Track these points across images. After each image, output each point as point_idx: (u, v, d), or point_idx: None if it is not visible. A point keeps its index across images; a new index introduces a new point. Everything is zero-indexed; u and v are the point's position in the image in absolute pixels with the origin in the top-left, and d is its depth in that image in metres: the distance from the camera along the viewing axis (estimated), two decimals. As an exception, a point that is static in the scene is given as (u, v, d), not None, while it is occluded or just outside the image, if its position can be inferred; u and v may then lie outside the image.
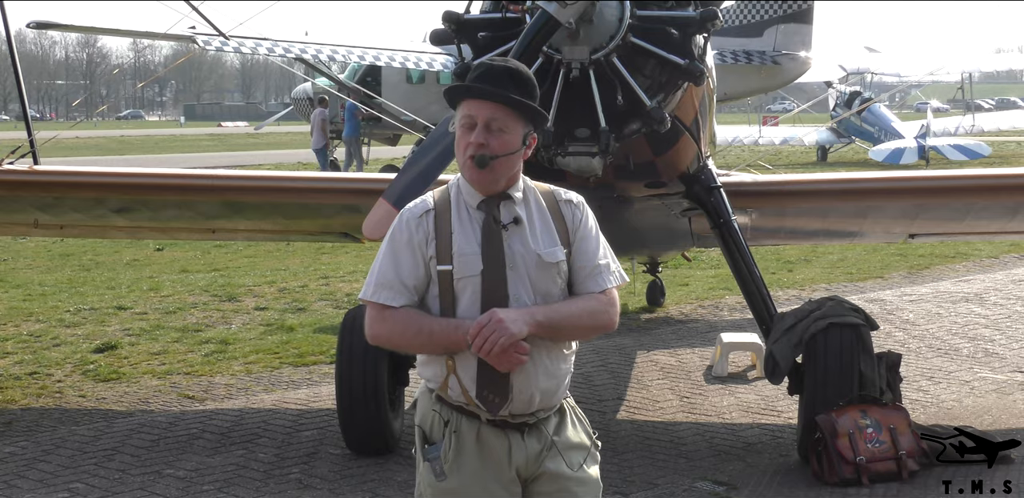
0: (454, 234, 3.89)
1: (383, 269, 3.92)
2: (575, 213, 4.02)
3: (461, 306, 3.87)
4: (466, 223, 3.92)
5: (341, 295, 14.09)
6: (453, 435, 3.91)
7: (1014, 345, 11.13)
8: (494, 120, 3.86)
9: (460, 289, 3.87)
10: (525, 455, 3.94)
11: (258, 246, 18.52)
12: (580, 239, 3.99)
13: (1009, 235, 13.10)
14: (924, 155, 36.83)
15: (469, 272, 3.85)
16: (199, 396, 9.42)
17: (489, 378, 3.83)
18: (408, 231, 3.93)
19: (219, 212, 9.84)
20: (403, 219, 3.96)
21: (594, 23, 6.13)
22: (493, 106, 3.86)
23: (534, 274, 3.89)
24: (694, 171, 7.60)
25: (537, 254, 3.90)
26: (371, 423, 7.53)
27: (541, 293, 3.90)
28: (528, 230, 3.93)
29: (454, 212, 3.93)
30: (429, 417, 3.97)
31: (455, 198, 3.97)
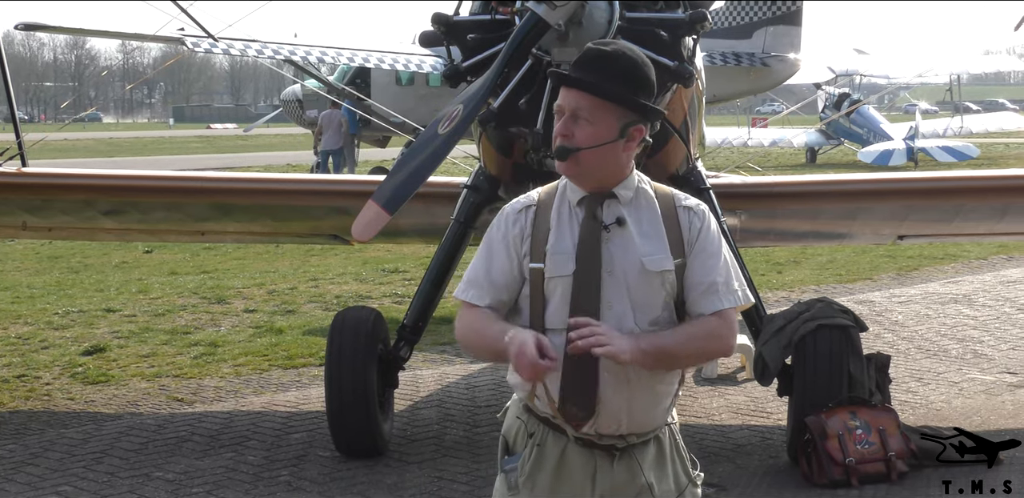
0: (551, 231, 3.62)
1: (476, 265, 3.69)
2: (694, 221, 3.67)
3: (550, 309, 3.59)
4: (565, 220, 3.64)
5: (331, 297, 14.08)
6: (536, 448, 3.65)
7: (1002, 346, 11.15)
8: (580, 110, 3.56)
9: (551, 290, 3.59)
10: (611, 483, 3.64)
11: (247, 248, 18.49)
12: (698, 251, 3.64)
13: (997, 236, 13.12)
14: (913, 157, 36.90)
15: (561, 272, 3.57)
16: (188, 398, 9.40)
17: (574, 388, 3.54)
18: (505, 226, 3.68)
19: (208, 214, 9.82)
20: (503, 214, 3.72)
21: (583, 25, 6.12)
22: (579, 94, 3.57)
23: (634, 282, 3.57)
24: (683, 173, 7.60)
25: (640, 260, 3.57)
26: (360, 426, 7.53)
27: (640, 304, 3.58)
28: (634, 233, 3.61)
29: (555, 208, 3.66)
30: (515, 427, 3.72)
31: (560, 194, 3.69)
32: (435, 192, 8.25)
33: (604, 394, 3.55)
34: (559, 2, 5.84)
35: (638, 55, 3.63)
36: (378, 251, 17.89)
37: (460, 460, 7.67)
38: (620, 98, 3.56)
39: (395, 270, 16.23)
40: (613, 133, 3.59)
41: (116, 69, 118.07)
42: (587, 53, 3.62)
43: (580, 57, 3.62)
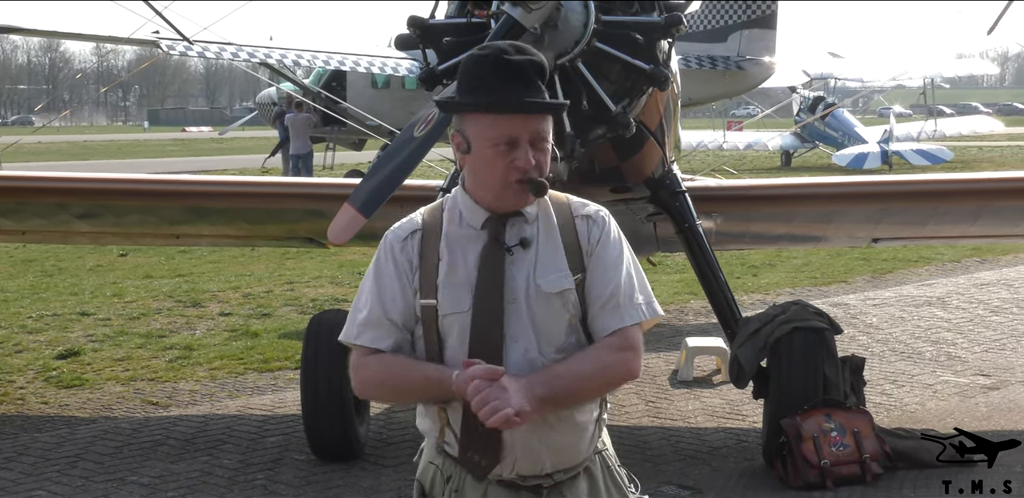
0: (441, 261, 3.24)
1: (368, 304, 3.27)
2: (592, 231, 3.31)
3: (449, 349, 3.23)
4: (459, 247, 3.25)
5: (306, 300, 14.05)
6: (453, 494, 3.32)
7: (976, 348, 11.21)
8: (540, 133, 3.22)
9: (446, 328, 3.23)
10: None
11: (223, 251, 18.44)
12: (596, 262, 3.28)
13: (971, 239, 13.18)
14: (887, 160, 37.07)
15: (457, 308, 3.20)
16: (163, 402, 9.37)
17: (475, 435, 3.19)
18: (392, 257, 3.28)
19: (183, 217, 9.79)
20: (387, 242, 3.31)
21: (559, 28, 6.13)
22: (538, 118, 3.22)
23: (536, 309, 3.21)
24: (659, 176, 7.62)
25: (538, 284, 3.22)
26: (336, 429, 7.51)
27: (544, 332, 3.22)
28: (536, 253, 3.25)
29: (445, 234, 3.27)
30: (429, 471, 3.40)
31: (449, 216, 3.30)
32: (411, 195, 8.23)
33: (515, 436, 3.20)
34: (535, 5, 5.85)
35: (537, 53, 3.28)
36: (354, 254, 17.86)
37: (436, 463, 7.65)
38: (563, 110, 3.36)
39: (371, 273, 16.19)
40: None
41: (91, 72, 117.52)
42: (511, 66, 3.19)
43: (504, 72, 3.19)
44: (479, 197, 3.28)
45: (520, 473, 3.27)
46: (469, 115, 3.24)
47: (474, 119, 3.23)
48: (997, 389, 9.61)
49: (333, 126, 30.96)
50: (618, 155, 7.12)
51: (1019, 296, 14.31)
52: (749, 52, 29.52)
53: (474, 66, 3.25)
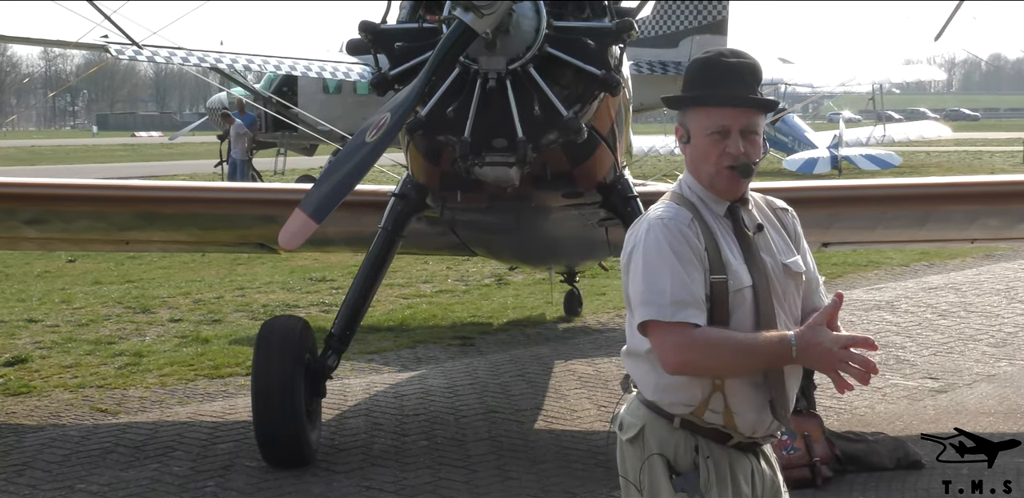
0: (719, 242, 3.63)
1: (677, 284, 3.52)
2: (794, 223, 3.87)
3: (733, 321, 3.57)
4: (721, 232, 3.66)
5: (257, 306, 13.98)
6: (707, 461, 3.63)
7: (924, 352, 11.31)
8: (750, 126, 3.66)
9: (735, 303, 3.58)
10: (762, 481, 3.76)
11: (173, 257, 18.32)
12: (802, 249, 3.82)
13: (919, 243, 13.31)
14: (837, 165, 37.37)
15: (742, 283, 3.59)
16: (112, 409, 9.29)
17: (779, 395, 3.65)
18: (682, 238, 3.58)
19: (133, 223, 9.72)
20: (671, 228, 3.60)
21: (511, 33, 6.15)
22: (749, 112, 3.65)
23: (784, 286, 3.68)
24: (611, 181, 7.64)
25: (784, 264, 3.70)
26: (288, 435, 7.47)
27: (790, 306, 3.70)
28: (769, 238, 3.74)
29: (709, 220, 3.67)
30: (672, 442, 3.65)
31: (699, 205, 3.70)
32: (363, 200, 8.23)
33: (789, 393, 3.71)
34: (486, 10, 5.86)
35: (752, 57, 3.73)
36: (305, 260, 17.80)
37: (388, 469, 7.64)
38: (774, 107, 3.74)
39: (322, 279, 16.16)
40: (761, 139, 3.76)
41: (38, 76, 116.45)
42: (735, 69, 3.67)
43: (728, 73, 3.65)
44: (706, 184, 3.71)
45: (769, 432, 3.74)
46: (690, 109, 3.71)
47: (693, 112, 3.69)
48: (945, 392, 9.69)
49: (284, 131, 30.82)
50: (570, 160, 7.13)
51: (966, 300, 14.46)
52: (700, 57, 29.58)
53: (696, 67, 3.73)
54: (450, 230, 8.68)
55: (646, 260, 3.59)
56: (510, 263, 13.10)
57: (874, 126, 45.43)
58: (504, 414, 9.06)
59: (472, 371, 10.61)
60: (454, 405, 9.34)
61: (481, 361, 11.08)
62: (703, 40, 29.73)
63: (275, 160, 34.64)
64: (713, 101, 3.64)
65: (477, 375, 10.44)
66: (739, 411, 3.63)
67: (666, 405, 3.66)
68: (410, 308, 13.89)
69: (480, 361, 11.08)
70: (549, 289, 13.94)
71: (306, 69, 28.07)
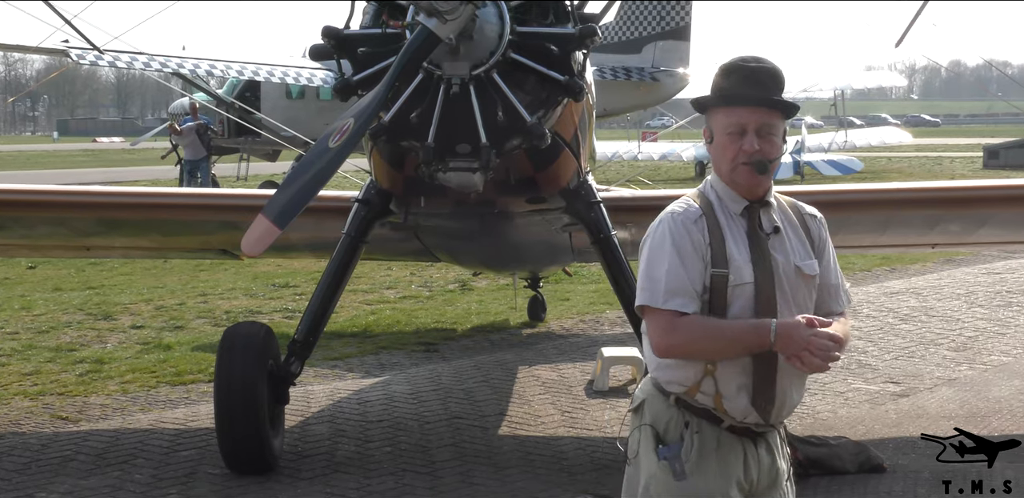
0: (726, 239, 3.84)
1: (672, 274, 3.80)
2: (820, 228, 4.03)
3: (731, 314, 3.81)
4: (731, 229, 3.87)
5: (220, 313, 13.91)
6: (696, 436, 3.87)
7: (886, 356, 11.37)
8: (766, 125, 3.85)
9: (733, 296, 3.81)
10: (759, 466, 3.93)
11: (134, 263, 18.21)
12: (826, 255, 4.00)
13: (881, 248, 13.38)
14: (799, 170, 37.61)
15: (744, 279, 3.81)
16: (73, 417, 9.21)
17: (762, 385, 3.81)
18: (688, 234, 3.83)
19: (94, 229, 9.66)
20: (677, 222, 3.86)
21: (474, 39, 6.15)
22: (765, 111, 3.86)
23: (793, 286, 3.87)
24: (574, 186, 7.65)
25: (796, 266, 3.89)
26: (250, 442, 7.43)
27: (799, 305, 3.87)
28: (787, 240, 3.92)
29: (722, 218, 3.88)
30: (665, 417, 3.91)
31: (717, 204, 3.91)
32: (326, 206, 8.21)
33: (778, 390, 3.86)
34: (450, 16, 5.86)
35: (773, 63, 3.94)
36: (268, 266, 17.73)
37: (352, 476, 7.62)
38: (793, 110, 3.92)
39: (286, 285, 16.11)
40: (782, 142, 3.94)
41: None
42: (756, 72, 3.89)
43: (748, 76, 3.87)
44: (727, 182, 3.92)
45: (759, 421, 3.88)
46: (712, 110, 3.93)
47: (714, 112, 3.92)
48: (906, 396, 9.75)
49: (247, 137, 30.72)
50: (533, 166, 7.14)
51: (927, 304, 14.57)
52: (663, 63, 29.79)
53: (719, 72, 3.95)
54: (414, 236, 8.67)
55: (651, 250, 3.87)
56: (474, 269, 13.09)
57: (836, 132, 45.74)
58: (468, 420, 9.05)
59: (436, 377, 10.59)
60: (418, 411, 9.33)
61: (445, 367, 11.07)
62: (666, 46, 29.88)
63: (238, 166, 34.48)
64: (730, 102, 3.88)
65: (441, 381, 10.43)
66: (728, 396, 3.84)
67: (664, 383, 3.92)
68: (374, 314, 13.87)
69: (444, 367, 11.07)
70: (513, 295, 13.95)
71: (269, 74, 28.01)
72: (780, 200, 4.01)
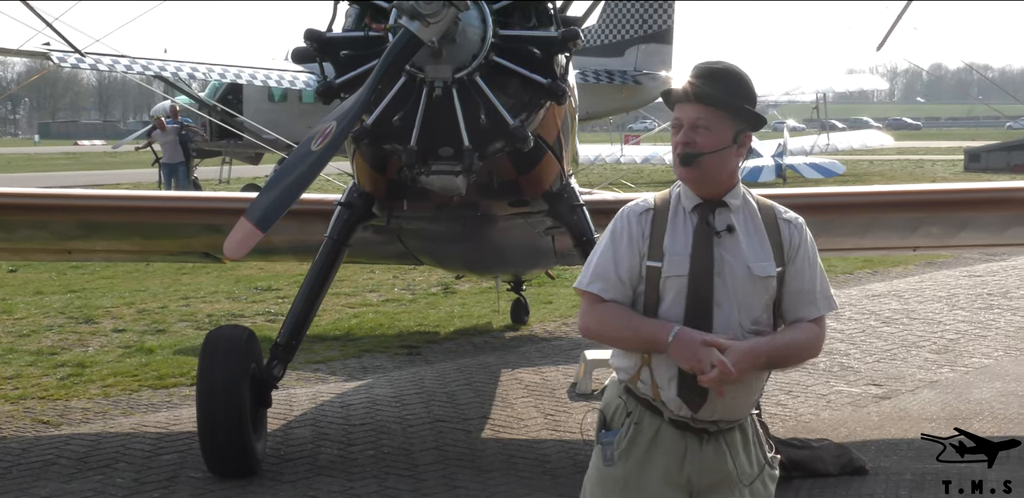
0: (666, 233, 3.95)
1: (601, 261, 3.99)
2: (794, 233, 4.04)
3: (664, 305, 3.91)
4: (679, 225, 3.97)
5: (202, 316, 13.88)
6: (633, 426, 3.97)
7: (868, 359, 11.40)
8: (699, 119, 3.94)
9: (665, 288, 3.91)
10: (700, 464, 3.95)
11: (116, 267, 18.15)
12: (798, 260, 4.01)
13: (862, 251, 13.43)
14: (781, 173, 37.69)
15: (676, 272, 3.90)
16: (54, 421, 9.18)
17: (692, 379, 3.84)
18: (628, 226, 3.99)
19: (75, 232, 9.63)
20: (624, 215, 4.03)
21: (457, 42, 6.16)
22: (698, 107, 3.95)
23: (740, 285, 3.91)
24: (557, 189, 7.65)
25: (747, 265, 3.93)
26: (233, 446, 7.41)
27: (745, 304, 3.92)
28: (741, 240, 3.96)
29: (671, 213, 3.99)
30: (613, 404, 4.04)
31: (674, 201, 4.02)
32: (308, 209, 8.20)
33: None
34: (432, 19, 5.86)
35: (742, 71, 4.05)
36: (251, 269, 17.69)
37: (335, 479, 7.61)
38: (734, 108, 3.96)
39: (268, 288, 16.07)
40: (727, 139, 3.97)
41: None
42: (700, 70, 4.01)
43: (695, 74, 4.00)
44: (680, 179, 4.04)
45: (696, 416, 3.90)
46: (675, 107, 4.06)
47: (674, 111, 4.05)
48: (888, 398, 9.78)
49: (229, 140, 30.65)
50: (516, 169, 7.14)
51: (909, 307, 14.61)
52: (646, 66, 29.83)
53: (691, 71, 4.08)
54: (396, 239, 8.66)
55: (600, 239, 4.07)
56: (457, 272, 13.09)
57: (818, 135, 45.86)
58: (451, 423, 9.04)
59: (419, 380, 10.58)
60: (401, 414, 9.32)
61: (428, 370, 11.06)
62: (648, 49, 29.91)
63: (220, 169, 34.42)
64: (669, 97, 4.05)
65: (424, 384, 10.42)
66: (663, 386, 3.93)
67: (616, 369, 4.07)
68: (356, 317, 13.85)
69: (427, 370, 11.06)
70: (496, 298, 13.95)
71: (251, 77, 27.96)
72: (758, 202, 4.06)
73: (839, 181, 36.61)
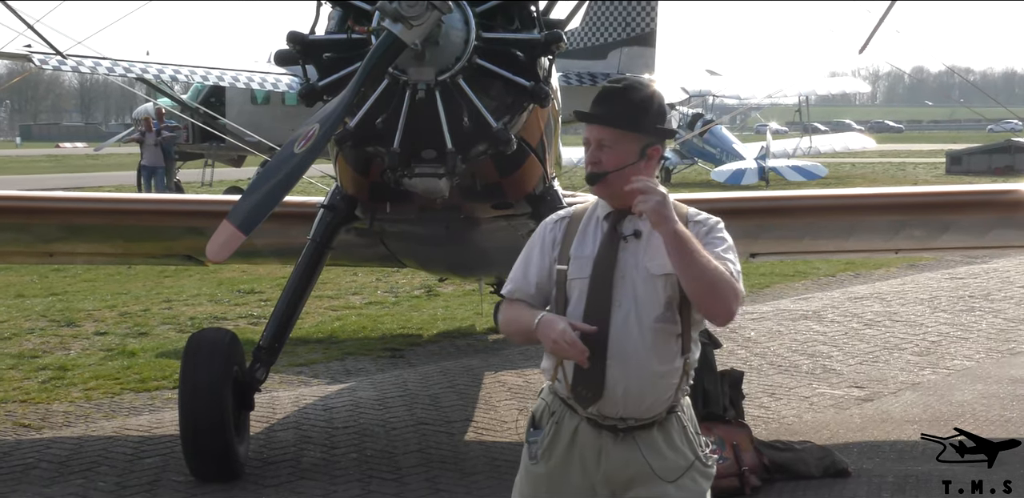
0: (576, 240, 4.16)
1: (516, 266, 4.27)
2: (700, 231, 4.14)
3: (571, 305, 4.10)
4: (590, 231, 4.17)
5: (184, 319, 13.84)
6: (555, 425, 4.14)
7: (851, 361, 11.43)
8: (602, 139, 4.12)
9: (571, 289, 4.11)
10: (613, 460, 4.08)
11: (98, 269, 18.09)
12: (705, 244, 4.04)
13: (845, 254, 13.46)
14: (764, 176, 37.75)
15: (580, 274, 4.10)
16: (36, 424, 9.14)
17: (585, 374, 4.03)
18: (543, 233, 4.26)
19: (57, 235, 9.59)
20: (544, 223, 4.30)
21: (440, 44, 6.15)
22: (600, 127, 4.14)
23: (640, 285, 4.05)
24: (540, 192, 7.65)
25: (646, 267, 4.07)
26: (215, 449, 7.40)
27: (645, 303, 4.04)
28: (645, 243, 4.09)
29: (584, 221, 4.20)
30: (541, 405, 4.24)
31: (591, 210, 4.24)
32: (291, 212, 8.18)
33: (611, 377, 4.02)
34: (415, 22, 5.85)
35: (647, 86, 4.20)
36: (233, 272, 17.65)
37: (317, 482, 7.59)
38: (634, 126, 4.10)
39: (251, 291, 16.04)
40: (633, 155, 4.12)
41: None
42: (603, 91, 4.20)
43: (598, 95, 4.19)
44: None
45: (602, 412, 4.06)
46: None
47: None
48: (871, 400, 9.80)
49: (212, 142, 30.57)
50: (499, 171, 7.14)
51: (891, 309, 14.64)
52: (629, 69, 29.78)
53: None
54: (379, 242, 8.65)
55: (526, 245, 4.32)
56: (440, 274, 13.08)
57: (801, 138, 45.95)
58: (434, 426, 9.03)
59: (402, 383, 10.57)
60: (384, 417, 9.31)
61: (411, 373, 11.05)
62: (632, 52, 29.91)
63: (202, 171, 34.33)
64: (579, 118, 4.21)
65: (407, 387, 10.41)
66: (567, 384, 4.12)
67: (543, 371, 4.28)
68: (339, 320, 13.83)
69: (410, 373, 11.05)
70: (479, 300, 13.93)
71: (234, 80, 27.86)
72: (676, 208, 4.09)
73: (821, 184, 36.68)
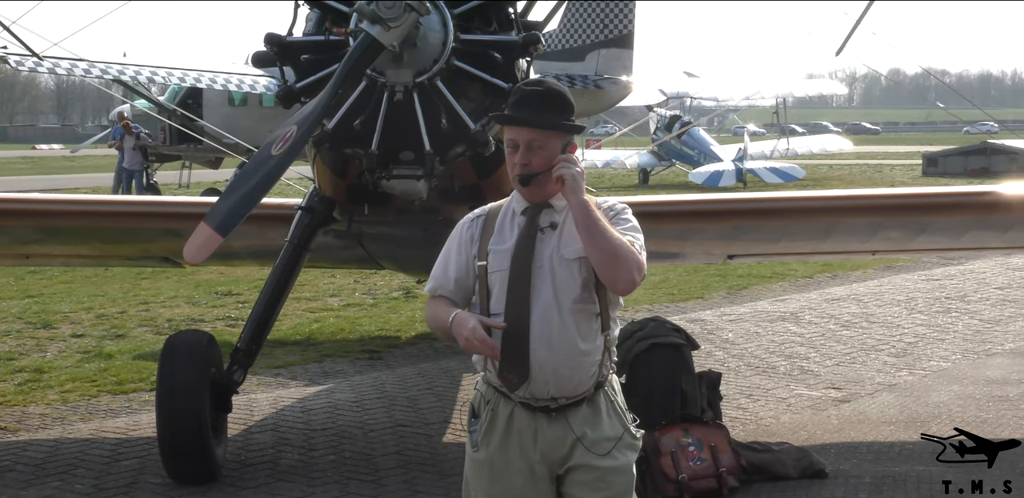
0: (494, 235, 4.33)
1: (437, 264, 4.44)
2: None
3: (493, 297, 4.28)
4: (507, 226, 4.34)
5: (162, 321, 13.80)
6: (491, 412, 4.33)
7: (828, 362, 11.46)
8: (533, 141, 4.25)
9: (492, 282, 4.28)
10: (548, 439, 4.27)
11: (75, 271, 18.03)
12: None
13: (822, 255, 13.49)
14: (742, 178, 37.83)
15: (500, 267, 4.27)
16: (12, 427, 9.10)
17: (510, 359, 4.21)
18: (460, 231, 4.43)
19: (34, 237, 9.55)
20: (461, 222, 4.47)
21: (418, 46, 6.16)
22: (530, 129, 4.27)
23: (558, 272, 4.22)
24: (518, 194, 7.65)
25: (561, 253, 4.24)
26: (193, 451, 7.38)
27: (562, 288, 4.21)
28: (560, 234, 4.27)
29: (500, 217, 4.37)
30: (477, 396, 4.42)
31: (507, 205, 4.41)
32: (269, 214, 8.18)
33: (535, 361, 4.19)
34: (393, 23, 5.85)
35: (561, 86, 4.35)
36: (211, 274, 17.61)
37: (295, 484, 7.58)
38: (562, 127, 4.27)
39: (228, 293, 16.00)
40: (557, 153, 4.28)
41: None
42: (526, 94, 4.31)
43: (520, 99, 4.30)
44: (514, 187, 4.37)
45: (533, 395, 4.23)
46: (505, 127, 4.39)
47: (505, 130, 4.38)
48: (848, 402, 9.83)
49: (189, 144, 30.49)
50: (477, 173, 7.15)
51: (868, 311, 14.69)
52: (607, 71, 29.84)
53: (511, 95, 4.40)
54: (357, 243, 8.65)
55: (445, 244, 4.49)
56: (418, 276, 13.05)
57: (778, 139, 46.09)
58: (412, 428, 9.03)
59: (380, 385, 10.56)
60: (362, 419, 9.30)
61: (389, 375, 11.04)
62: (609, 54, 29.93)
63: (180, 173, 34.25)
64: (503, 121, 4.38)
65: (385, 389, 10.40)
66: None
67: (475, 363, 4.44)
68: (317, 322, 13.81)
69: (388, 375, 11.04)
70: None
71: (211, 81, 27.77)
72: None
73: (799, 185, 36.80)
